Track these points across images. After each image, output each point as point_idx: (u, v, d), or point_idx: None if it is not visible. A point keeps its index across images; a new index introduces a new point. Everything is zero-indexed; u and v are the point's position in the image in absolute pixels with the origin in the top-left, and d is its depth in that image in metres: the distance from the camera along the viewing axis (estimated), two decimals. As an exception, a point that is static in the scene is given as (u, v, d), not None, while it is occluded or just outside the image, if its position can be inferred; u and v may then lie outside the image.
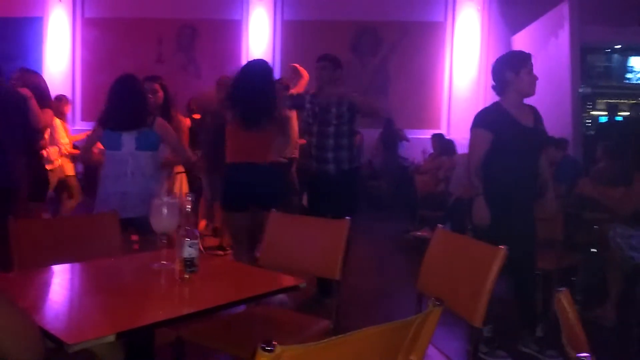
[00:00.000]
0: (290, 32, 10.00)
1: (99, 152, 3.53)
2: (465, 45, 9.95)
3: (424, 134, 9.08)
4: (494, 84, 3.28)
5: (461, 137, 7.82)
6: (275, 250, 2.68)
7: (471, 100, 9.90)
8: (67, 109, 6.02)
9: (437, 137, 8.13)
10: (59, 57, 10.07)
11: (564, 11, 7.25)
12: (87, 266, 2.17)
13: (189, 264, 1.91)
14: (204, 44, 10.05)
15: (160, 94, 4.08)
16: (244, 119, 3.50)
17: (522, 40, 8.71)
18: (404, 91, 9.87)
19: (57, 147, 4.81)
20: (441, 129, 9.73)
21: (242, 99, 3.49)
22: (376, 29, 10.01)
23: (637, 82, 9.66)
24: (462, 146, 7.04)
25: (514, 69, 3.17)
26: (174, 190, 4.40)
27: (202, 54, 10.05)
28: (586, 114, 9.55)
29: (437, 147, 7.91)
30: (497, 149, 3.16)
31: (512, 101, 3.21)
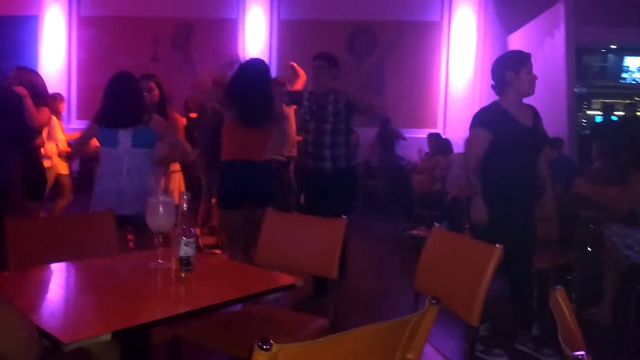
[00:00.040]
0: (286, 32, 10.00)
1: (94, 147, 3.52)
2: (461, 44, 9.96)
3: (420, 133, 9.10)
4: (494, 84, 3.28)
5: (457, 136, 7.85)
6: (271, 248, 2.68)
7: (467, 99, 9.92)
8: (62, 107, 6.00)
9: (433, 137, 8.14)
10: (54, 56, 10.04)
11: (560, 11, 7.26)
12: (83, 265, 2.17)
13: (185, 262, 1.91)
14: (200, 42, 10.02)
15: (155, 92, 4.08)
16: (242, 117, 3.51)
17: (517, 40, 8.72)
18: (400, 90, 9.87)
19: (54, 144, 4.79)
20: (437, 128, 9.74)
21: (241, 97, 3.50)
22: (372, 28, 10.01)
23: (633, 82, 9.70)
24: (458, 145, 7.06)
25: (514, 69, 3.17)
26: (170, 189, 4.39)
27: (198, 53, 10.02)
28: (582, 114, 9.59)
29: (433, 146, 7.92)
30: (496, 149, 3.16)
31: (511, 101, 3.21)
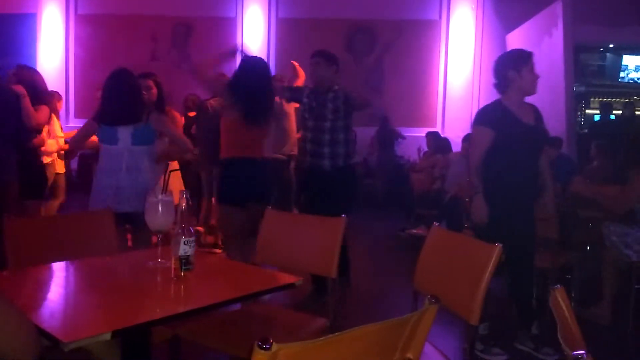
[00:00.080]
0: (284, 30, 9.99)
1: (93, 141, 3.51)
2: (459, 43, 9.97)
3: (419, 132, 9.10)
4: (496, 82, 3.28)
5: (456, 135, 7.85)
6: (271, 248, 2.68)
7: (466, 98, 9.93)
8: (60, 106, 5.98)
9: (432, 135, 8.15)
10: (52, 54, 10.01)
11: (558, 10, 7.27)
12: (83, 264, 2.16)
13: (185, 261, 1.90)
14: (198, 41, 10.00)
15: (154, 91, 4.07)
16: (245, 115, 3.50)
17: (516, 38, 8.72)
18: (398, 89, 9.87)
19: (55, 141, 4.78)
20: (436, 127, 9.75)
21: (246, 95, 3.50)
22: (371, 27, 10.00)
23: (631, 81, 9.71)
24: (457, 144, 7.06)
25: (516, 67, 3.17)
26: (169, 187, 4.38)
27: (197, 52, 10.00)
28: (580, 113, 9.60)
29: (432, 145, 7.93)
30: (498, 147, 3.16)
31: (513, 99, 3.22)
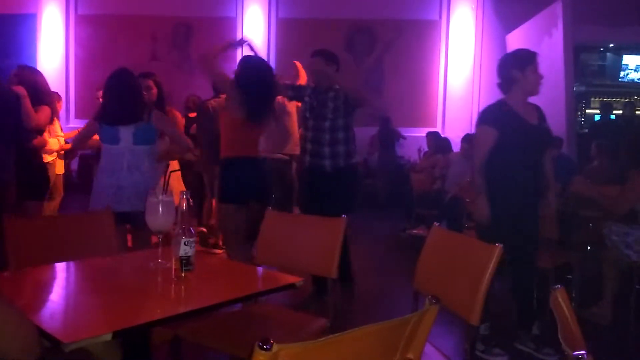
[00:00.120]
0: (284, 30, 9.99)
1: (94, 140, 3.52)
2: (459, 43, 9.97)
3: (419, 132, 9.10)
4: (500, 82, 3.28)
5: (456, 135, 7.85)
6: (271, 248, 2.68)
7: (466, 98, 9.93)
8: (60, 106, 5.97)
9: (432, 135, 8.15)
10: (52, 54, 10.01)
11: (558, 10, 7.27)
12: (83, 265, 2.16)
13: (185, 262, 1.90)
14: (198, 41, 10.00)
15: (154, 91, 4.07)
16: (250, 115, 3.51)
17: (516, 39, 8.72)
18: (399, 89, 9.87)
19: (56, 140, 4.77)
20: (436, 127, 9.76)
21: (254, 94, 3.51)
22: (371, 27, 10.00)
23: (631, 80, 9.70)
24: (457, 144, 7.06)
25: (521, 67, 3.18)
26: (170, 188, 4.38)
27: (197, 52, 9.99)
28: (580, 113, 9.60)
29: (433, 145, 7.93)
30: (502, 147, 3.16)
31: (517, 99, 3.22)
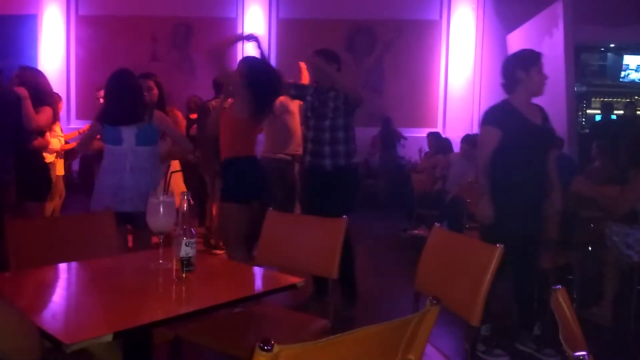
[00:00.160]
0: (285, 31, 9.99)
1: (99, 143, 3.53)
2: (460, 43, 9.96)
3: (420, 133, 9.10)
4: (504, 82, 3.28)
5: (456, 135, 7.84)
6: (272, 249, 2.68)
7: (466, 98, 9.93)
8: (60, 107, 5.97)
9: (433, 136, 8.14)
10: (53, 55, 10.02)
11: (558, 10, 7.26)
12: (84, 265, 2.16)
13: (186, 263, 1.90)
14: (199, 41, 10.01)
15: (155, 92, 4.08)
16: (256, 114, 3.52)
17: (516, 39, 8.72)
18: (399, 90, 9.87)
19: (57, 140, 4.77)
20: (437, 127, 9.75)
21: (263, 95, 3.52)
22: (371, 27, 10.00)
23: (632, 80, 9.70)
24: (458, 145, 7.05)
25: (525, 68, 3.17)
26: (171, 189, 4.38)
27: (197, 52, 10.01)
28: (581, 113, 9.60)
29: (433, 145, 7.92)
30: (506, 147, 3.15)
31: (521, 99, 3.22)
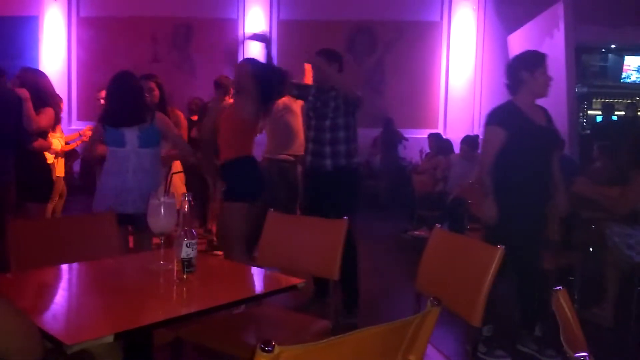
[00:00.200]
0: (286, 32, 9.99)
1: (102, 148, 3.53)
2: (461, 44, 9.96)
3: (421, 134, 9.09)
4: (508, 83, 3.28)
5: (457, 136, 7.84)
6: (273, 250, 2.68)
7: (467, 99, 9.92)
8: (61, 108, 5.96)
9: (434, 137, 8.13)
10: (54, 56, 10.03)
11: (559, 11, 7.25)
12: (85, 266, 2.16)
13: (187, 264, 1.90)
14: (199, 42, 10.02)
15: (156, 93, 4.08)
16: (261, 115, 3.55)
17: (517, 40, 8.71)
18: (400, 91, 9.87)
19: (58, 140, 4.77)
20: (438, 128, 9.74)
21: (270, 94, 3.54)
22: (372, 28, 10.01)
23: (633, 81, 9.70)
24: (458, 146, 7.05)
25: (530, 69, 3.18)
26: (172, 190, 4.38)
27: (198, 53, 10.03)
28: (582, 114, 9.59)
29: (434, 146, 7.92)
30: (510, 147, 3.15)
31: (525, 100, 3.22)
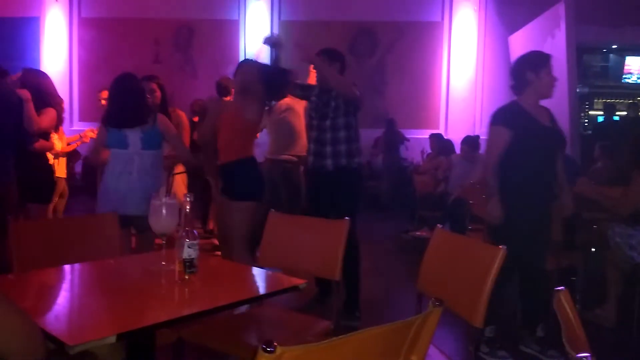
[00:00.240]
0: (287, 33, 9.99)
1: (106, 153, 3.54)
2: (462, 45, 9.95)
3: (422, 134, 9.09)
4: (513, 83, 3.28)
5: (459, 137, 7.83)
6: (274, 250, 2.68)
7: (468, 100, 9.92)
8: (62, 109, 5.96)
9: (435, 137, 8.12)
10: (56, 57, 10.04)
11: (560, 11, 7.25)
12: (88, 267, 2.17)
13: (189, 264, 1.91)
14: (201, 44, 10.03)
15: (157, 94, 4.08)
16: (261, 114, 3.57)
17: (518, 40, 8.71)
18: (401, 91, 9.87)
19: (59, 141, 4.77)
20: (439, 129, 9.73)
21: (274, 96, 3.55)
22: (373, 29, 10.01)
23: (635, 82, 9.70)
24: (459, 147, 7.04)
25: (535, 69, 3.18)
26: (174, 190, 4.39)
27: (199, 54, 10.04)
28: (583, 114, 9.59)
29: (435, 147, 7.91)
30: (515, 148, 3.15)
31: (530, 101, 3.22)
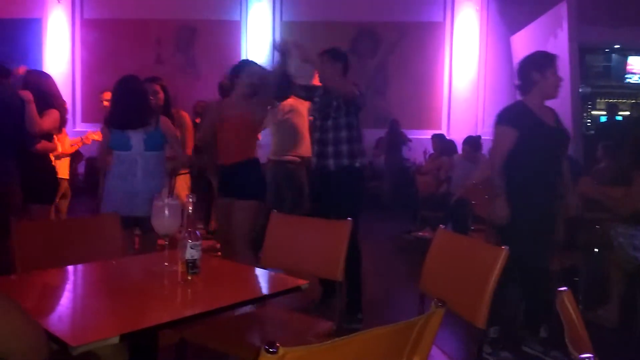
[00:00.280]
0: (289, 33, 9.99)
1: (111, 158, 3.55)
2: (464, 45, 9.95)
3: (424, 135, 9.08)
4: (519, 83, 3.28)
5: (461, 137, 7.83)
6: (277, 251, 2.68)
7: (471, 100, 9.91)
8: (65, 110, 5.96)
9: (438, 138, 8.11)
10: (58, 59, 10.06)
11: (562, 11, 7.24)
12: (90, 268, 2.17)
13: (192, 265, 1.91)
14: (203, 44, 10.05)
15: (160, 95, 4.08)
16: (264, 115, 3.59)
17: (521, 40, 8.70)
18: (403, 92, 9.87)
19: (62, 142, 4.77)
20: (441, 129, 9.73)
21: (276, 98, 3.56)
22: (375, 29, 10.01)
23: (637, 81, 9.68)
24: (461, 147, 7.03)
25: (540, 69, 3.18)
26: (176, 191, 4.39)
27: (201, 55, 10.05)
28: (586, 114, 9.58)
29: (438, 147, 7.90)
30: (521, 148, 3.14)
31: (535, 101, 3.22)
